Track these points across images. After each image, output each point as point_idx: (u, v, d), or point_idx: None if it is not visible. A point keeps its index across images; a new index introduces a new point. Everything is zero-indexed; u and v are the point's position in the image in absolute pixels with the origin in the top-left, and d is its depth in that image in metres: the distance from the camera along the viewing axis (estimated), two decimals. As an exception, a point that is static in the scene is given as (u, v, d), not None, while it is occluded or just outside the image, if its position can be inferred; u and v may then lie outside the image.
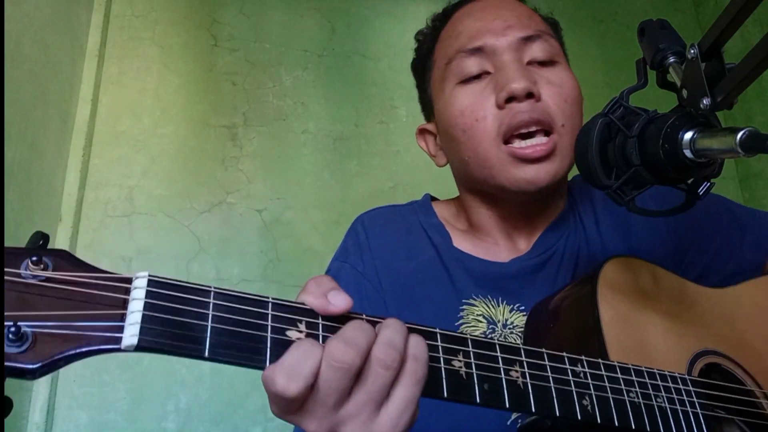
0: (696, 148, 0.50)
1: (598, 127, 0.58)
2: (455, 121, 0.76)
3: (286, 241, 1.85)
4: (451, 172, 0.88)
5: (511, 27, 0.76)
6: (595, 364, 0.56)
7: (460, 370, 0.48)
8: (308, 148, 1.98)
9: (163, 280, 0.42)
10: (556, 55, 0.78)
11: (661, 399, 0.57)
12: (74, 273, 0.40)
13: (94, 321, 0.39)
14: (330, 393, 0.43)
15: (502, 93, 0.72)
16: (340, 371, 0.43)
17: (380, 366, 0.44)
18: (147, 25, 2.00)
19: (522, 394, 0.50)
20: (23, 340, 0.37)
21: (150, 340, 0.40)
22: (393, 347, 0.45)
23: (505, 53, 0.75)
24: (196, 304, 0.43)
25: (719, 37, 0.49)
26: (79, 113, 1.83)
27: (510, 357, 0.51)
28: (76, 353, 0.38)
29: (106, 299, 0.40)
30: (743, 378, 0.68)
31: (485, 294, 0.77)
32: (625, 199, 0.57)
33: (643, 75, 0.58)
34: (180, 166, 1.88)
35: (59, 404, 1.60)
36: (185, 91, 1.96)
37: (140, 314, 0.40)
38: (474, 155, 0.76)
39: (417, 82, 0.90)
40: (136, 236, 1.79)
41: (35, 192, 1.57)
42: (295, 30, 2.11)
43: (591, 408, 0.53)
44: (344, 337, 0.44)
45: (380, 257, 0.80)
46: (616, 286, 0.67)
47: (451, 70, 0.78)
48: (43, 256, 0.40)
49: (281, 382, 0.42)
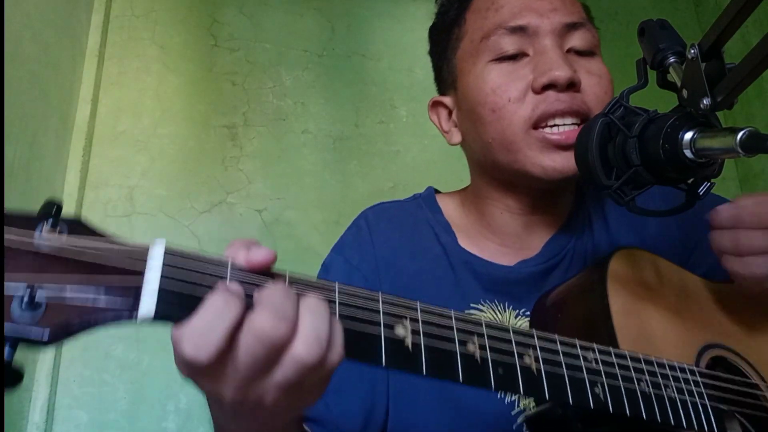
0: (696, 148, 0.50)
1: (598, 127, 0.58)
2: (486, 99, 0.72)
3: (286, 241, 1.85)
4: (466, 156, 0.85)
5: (556, 10, 0.73)
6: (606, 352, 0.55)
7: (474, 354, 0.48)
8: (308, 148, 1.98)
9: (179, 251, 0.41)
10: (595, 46, 0.75)
11: (670, 389, 0.57)
12: (89, 240, 0.39)
13: (109, 290, 0.38)
14: (252, 364, 0.40)
15: (543, 78, 0.69)
16: (266, 344, 0.39)
17: (300, 364, 0.40)
18: (147, 25, 2.00)
19: (536, 380, 0.50)
20: (36, 308, 0.36)
21: (166, 311, 0.39)
22: (318, 342, 0.40)
23: (548, 37, 0.72)
24: (212, 276, 0.41)
25: (719, 37, 0.49)
26: (79, 113, 1.83)
27: (524, 341, 0.51)
28: (91, 321, 0.37)
29: (122, 269, 0.39)
30: (748, 371, 0.68)
31: (492, 299, 0.76)
32: (625, 199, 0.57)
33: (643, 75, 0.58)
34: (180, 166, 1.88)
35: (59, 404, 1.60)
36: (185, 91, 1.96)
37: (157, 284, 0.39)
38: (500, 137, 0.72)
39: (434, 48, 0.85)
40: (136, 236, 1.78)
41: (35, 192, 1.57)
42: (295, 30, 2.11)
43: (603, 397, 0.52)
44: (274, 306, 0.40)
45: (383, 255, 0.78)
46: (623, 277, 0.66)
47: (488, 45, 0.73)
48: (59, 222, 0.38)
49: (188, 349, 0.38)
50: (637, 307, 0.65)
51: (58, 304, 0.37)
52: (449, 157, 1.97)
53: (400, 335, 0.45)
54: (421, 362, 0.45)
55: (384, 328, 0.45)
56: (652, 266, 0.71)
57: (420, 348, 0.46)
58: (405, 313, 0.47)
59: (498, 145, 0.73)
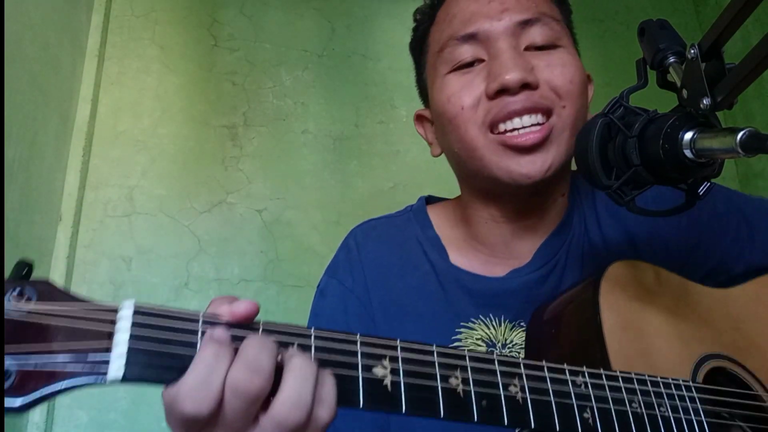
0: (696, 148, 0.50)
1: (598, 127, 0.58)
2: (443, 109, 0.72)
3: (286, 241, 1.85)
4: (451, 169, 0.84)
5: (508, 10, 0.71)
6: (596, 375, 0.55)
7: (457, 388, 0.47)
8: (308, 148, 1.98)
9: (149, 310, 0.41)
10: (557, 39, 0.72)
11: (664, 408, 0.56)
12: (58, 304, 0.39)
13: (79, 354, 0.39)
14: (234, 419, 0.40)
15: (494, 84, 0.68)
16: (242, 398, 0.40)
17: (280, 427, 0.41)
18: (147, 25, 2.00)
19: (521, 409, 0.49)
20: (7, 377, 0.36)
21: (136, 372, 0.39)
22: (299, 406, 0.41)
23: (501, 39, 0.70)
24: (184, 332, 0.42)
25: (719, 37, 0.49)
26: (79, 113, 1.83)
27: (509, 371, 0.50)
28: (61, 389, 0.38)
29: (91, 331, 0.39)
30: (750, 381, 0.67)
31: (486, 313, 0.74)
32: (625, 199, 0.57)
33: (643, 75, 0.58)
34: (180, 166, 1.88)
35: (59, 404, 1.60)
36: (185, 91, 1.96)
37: (126, 346, 0.39)
38: (462, 145, 0.71)
39: (414, 64, 0.85)
40: (136, 236, 1.79)
41: (35, 192, 1.57)
42: (295, 30, 2.11)
43: (592, 421, 0.52)
44: (247, 360, 0.41)
45: (372, 273, 0.77)
46: (618, 291, 0.65)
47: (443, 57, 0.73)
48: (26, 287, 0.39)
49: (189, 406, 0.39)
50: (633, 322, 0.64)
51: (28, 372, 0.37)
52: (449, 157, 1.97)
53: (378, 375, 0.45)
54: (401, 401, 0.45)
55: (362, 370, 0.45)
56: (649, 277, 0.70)
57: (399, 386, 0.45)
58: (384, 352, 0.46)
59: (464, 153, 0.72)
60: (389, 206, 0.89)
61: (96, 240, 1.77)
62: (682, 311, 0.69)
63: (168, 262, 1.78)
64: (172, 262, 1.78)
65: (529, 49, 0.71)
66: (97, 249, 1.76)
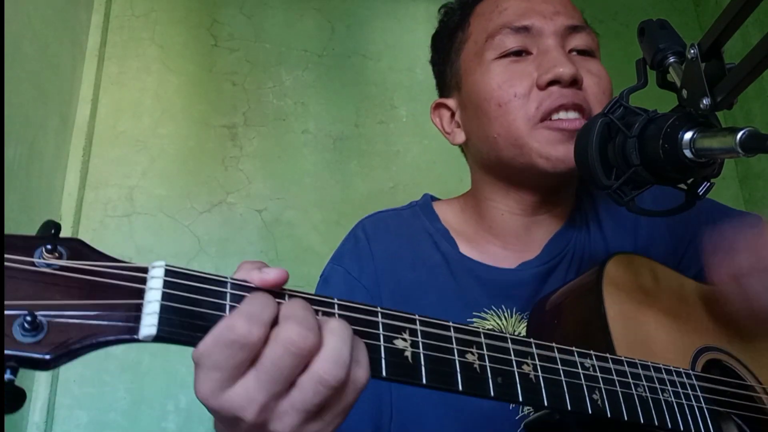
0: (696, 148, 0.50)
1: (598, 127, 0.58)
2: (491, 94, 0.74)
3: (286, 241, 1.85)
4: (467, 158, 0.86)
5: (559, 13, 0.76)
6: (603, 358, 0.56)
7: (474, 363, 0.48)
8: (308, 148, 1.97)
9: (179, 270, 0.42)
10: (595, 49, 0.78)
11: (667, 393, 0.58)
12: (89, 262, 0.39)
13: (110, 310, 0.38)
14: (277, 377, 0.40)
15: (548, 75, 0.71)
16: (294, 354, 0.40)
17: (321, 384, 0.40)
18: (147, 25, 2.00)
19: (535, 388, 0.50)
20: (38, 330, 0.36)
21: (169, 330, 0.39)
22: (340, 363, 0.41)
23: (551, 37, 0.74)
24: (213, 294, 0.42)
25: (719, 37, 0.49)
26: (79, 113, 1.83)
27: (522, 349, 0.52)
28: (93, 343, 0.38)
29: (123, 288, 0.40)
30: (743, 374, 0.69)
31: (498, 304, 0.75)
32: (625, 199, 0.57)
33: (643, 75, 0.58)
34: (180, 166, 1.88)
35: (59, 404, 1.60)
36: (185, 91, 1.96)
37: (158, 304, 0.39)
38: (505, 132, 0.73)
39: (437, 54, 0.87)
40: (136, 236, 1.79)
41: (35, 192, 1.57)
42: (295, 30, 2.11)
43: (601, 402, 0.53)
44: (299, 318, 0.41)
45: (382, 266, 0.77)
46: (619, 283, 0.67)
47: (493, 44, 0.76)
48: (58, 244, 0.39)
49: (243, 325, 0.39)
50: (634, 312, 0.66)
51: (59, 325, 0.37)
52: (449, 157, 1.96)
53: (399, 346, 0.46)
54: (421, 373, 0.46)
55: (384, 341, 0.46)
56: (648, 271, 0.71)
57: (419, 359, 0.46)
58: (404, 325, 0.47)
59: (503, 141, 0.74)
60: (389, 206, 0.89)
61: (96, 240, 1.76)
62: (680, 305, 0.71)
63: (168, 262, 1.78)
64: (172, 262, 1.77)
65: (571, 53, 0.76)
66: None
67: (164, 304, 0.40)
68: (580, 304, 0.67)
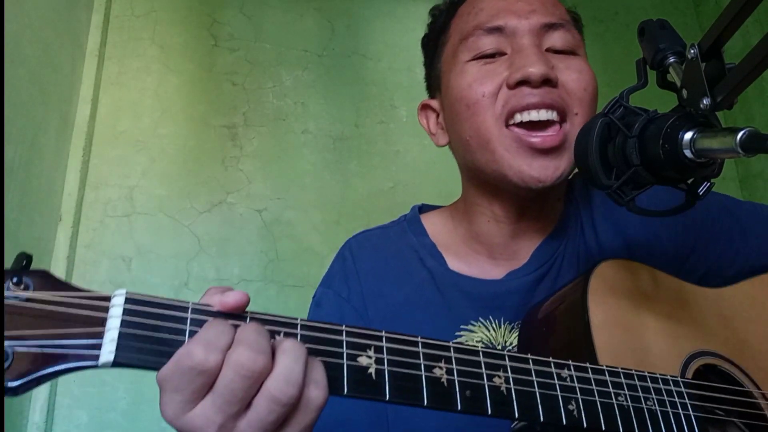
0: (696, 148, 0.50)
1: (598, 127, 0.58)
2: (461, 94, 0.73)
3: (286, 241, 1.85)
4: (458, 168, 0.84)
5: (535, 11, 0.73)
6: (582, 368, 0.55)
7: (441, 378, 0.48)
8: (308, 148, 1.98)
9: (140, 298, 0.43)
10: (576, 47, 0.75)
11: (651, 402, 0.57)
12: (54, 293, 0.42)
13: (73, 339, 0.41)
14: (230, 400, 0.42)
15: (517, 74, 0.69)
16: (245, 377, 0.41)
17: (274, 403, 0.42)
18: (147, 25, 2.00)
19: (505, 400, 0.50)
20: (4, 359, 0.38)
21: (127, 356, 0.41)
22: (291, 382, 0.42)
23: (525, 36, 0.72)
24: (174, 319, 0.44)
25: (719, 37, 0.49)
26: (79, 113, 1.83)
27: (494, 362, 0.51)
28: (55, 371, 0.40)
29: (86, 318, 0.42)
30: (741, 379, 0.68)
31: (486, 315, 0.74)
32: (625, 199, 0.57)
33: (643, 75, 0.58)
34: (180, 166, 1.88)
35: (59, 404, 1.60)
36: (185, 91, 1.96)
37: (117, 331, 0.41)
38: (476, 134, 0.72)
39: (425, 58, 0.87)
40: (136, 236, 1.79)
41: (35, 192, 1.57)
42: (295, 30, 2.11)
43: (577, 413, 0.52)
44: (250, 342, 0.42)
45: (368, 284, 0.77)
46: (608, 289, 0.66)
47: (467, 45, 0.74)
48: (24, 276, 0.41)
49: (200, 353, 0.41)
50: (623, 319, 0.65)
51: (24, 354, 0.39)
52: (449, 157, 1.96)
53: (363, 363, 0.47)
54: (385, 389, 0.46)
55: (347, 358, 0.47)
56: (640, 276, 0.70)
57: (383, 375, 0.47)
58: (369, 342, 0.48)
59: (475, 143, 0.73)
60: (389, 206, 0.89)
61: (96, 240, 1.77)
62: (673, 309, 0.70)
63: (168, 262, 1.78)
64: (172, 262, 1.78)
65: (549, 52, 0.73)
66: (97, 249, 1.76)
67: (123, 330, 0.42)
68: (566, 312, 0.67)
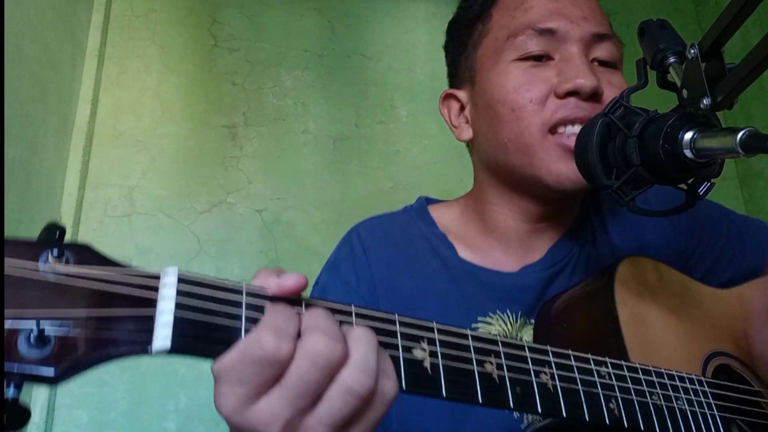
0: (696, 148, 0.50)
1: (598, 127, 0.58)
2: (506, 97, 0.71)
3: (286, 241, 1.85)
4: (472, 158, 0.82)
5: (587, 19, 0.71)
6: (618, 366, 0.54)
7: (492, 374, 0.46)
8: (308, 148, 1.98)
9: (193, 278, 0.39)
10: (618, 60, 0.74)
11: (681, 401, 0.56)
12: (98, 269, 0.36)
13: (120, 321, 0.36)
14: (304, 391, 0.38)
15: (567, 84, 0.68)
16: (320, 366, 0.38)
17: (350, 395, 0.38)
18: (147, 25, 2.00)
19: (553, 397, 0.48)
20: (45, 343, 0.33)
21: (184, 343, 0.36)
22: (368, 372, 0.39)
23: (575, 44, 0.70)
24: (228, 302, 0.39)
25: (719, 37, 0.49)
26: (79, 113, 1.83)
27: (539, 358, 0.49)
28: (102, 357, 0.35)
29: (134, 298, 0.37)
30: (751, 379, 0.68)
31: (503, 308, 0.73)
32: (625, 199, 0.57)
33: (643, 75, 0.58)
34: (180, 166, 1.88)
35: (59, 404, 1.60)
36: (185, 91, 1.96)
37: (172, 315, 0.36)
38: (516, 138, 0.70)
39: (452, 42, 0.82)
40: (136, 236, 1.79)
41: (35, 192, 1.57)
42: (295, 30, 2.11)
43: (618, 411, 0.51)
44: (323, 329, 0.39)
45: (380, 274, 0.75)
46: (630, 286, 0.66)
47: (514, 44, 0.72)
48: (65, 249, 0.36)
49: (271, 341, 0.37)
50: (644, 316, 0.64)
51: (67, 338, 0.34)
52: (449, 157, 1.97)
53: (418, 357, 0.44)
54: (441, 384, 0.43)
55: (403, 351, 0.43)
56: (658, 274, 0.70)
57: (438, 369, 0.44)
58: (422, 333, 0.45)
59: (514, 147, 0.71)
60: (389, 206, 0.88)
61: (96, 240, 1.76)
62: (690, 309, 0.70)
63: (168, 262, 1.78)
64: (172, 263, 1.76)
65: (594, 62, 0.72)
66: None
67: (178, 314, 0.37)
68: (591, 307, 0.65)
